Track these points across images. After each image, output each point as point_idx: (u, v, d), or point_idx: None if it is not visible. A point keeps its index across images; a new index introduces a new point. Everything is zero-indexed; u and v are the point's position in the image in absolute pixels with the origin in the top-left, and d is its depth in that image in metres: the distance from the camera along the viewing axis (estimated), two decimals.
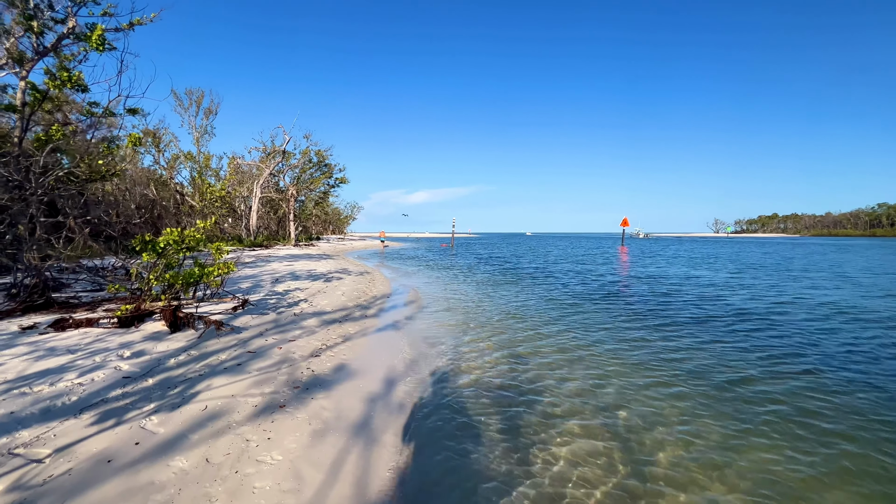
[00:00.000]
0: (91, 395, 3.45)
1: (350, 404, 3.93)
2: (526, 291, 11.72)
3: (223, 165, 35.56)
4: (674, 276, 15.83)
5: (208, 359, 4.62)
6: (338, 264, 18.05)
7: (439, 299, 10.31)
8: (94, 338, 4.77)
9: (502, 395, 4.35)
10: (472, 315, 8.39)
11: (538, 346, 6.27)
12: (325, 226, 73.43)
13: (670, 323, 7.81)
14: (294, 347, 5.40)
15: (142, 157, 31.44)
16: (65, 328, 4.86)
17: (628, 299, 10.44)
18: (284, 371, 4.55)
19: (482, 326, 7.40)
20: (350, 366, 4.98)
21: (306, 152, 37.13)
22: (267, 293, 8.98)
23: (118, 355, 4.37)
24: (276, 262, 17.04)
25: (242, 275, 11.86)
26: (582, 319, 8.09)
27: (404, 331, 7.01)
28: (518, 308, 9.15)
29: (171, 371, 4.17)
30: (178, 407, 3.42)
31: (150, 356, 4.47)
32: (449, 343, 6.31)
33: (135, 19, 8.63)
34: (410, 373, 4.98)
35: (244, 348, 5.11)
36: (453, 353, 5.80)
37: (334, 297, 9.27)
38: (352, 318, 7.51)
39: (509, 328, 7.33)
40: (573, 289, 12.18)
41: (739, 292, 11.70)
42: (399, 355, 5.61)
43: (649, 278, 14.96)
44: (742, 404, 4.20)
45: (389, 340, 6.35)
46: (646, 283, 13.47)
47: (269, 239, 35.77)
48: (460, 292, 11.54)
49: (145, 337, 5.02)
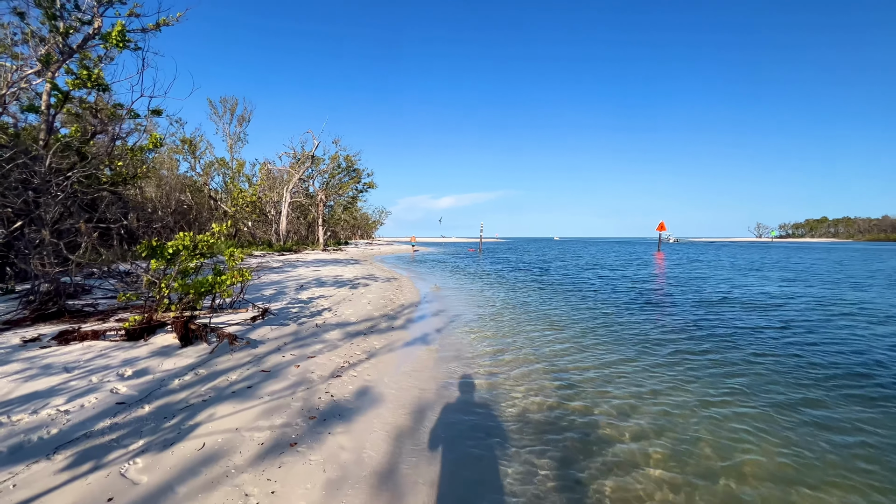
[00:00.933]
0: (74, 428, 2.95)
1: (373, 442, 3.28)
2: (561, 300, 10.84)
3: (255, 171, 36.25)
4: (719, 283, 14.49)
5: (216, 379, 4.10)
6: (365, 270, 17.66)
7: (470, 308, 9.61)
8: (96, 353, 4.35)
9: (555, 431, 3.60)
10: (507, 327, 7.64)
11: (581, 361, 5.48)
12: (353, 230, 74.14)
13: (720, 335, 6.90)
14: (313, 365, 4.82)
15: (179, 163, 32.43)
16: (68, 341, 4.48)
17: (671, 309, 9.40)
18: (300, 395, 3.96)
19: (519, 340, 6.64)
20: (374, 389, 4.35)
21: (335, 157, 37.36)
22: (290, 301, 8.54)
23: (118, 374, 3.91)
24: (302, 267, 16.81)
25: (267, 281, 11.55)
26: (625, 331, 7.20)
27: (434, 345, 6.35)
28: (556, 318, 8.33)
29: (172, 395, 3.66)
30: (171, 445, 2.87)
31: (152, 376, 3.99)
32: (485, 361, 5.60)
33: (161, 19, 8.45)
34: (443, 398, 4.30)
35: (258, 366, 4.57)
36: (491, 373, 5.08)
37: (359, 305, 8.73)
38: (377, 330, 6.91)
39: (548, 341, 6.55)
40: (611, 297, 11.20)
41: (793, 301, 10.41)
42: (429, 376, 4.94)
43: (692, 286, 13.71)
44: (815, 431, 3.33)
45: (418, 357, 5.70)
46: (689, 292, 12.28)
47: (299, 244, 36.09)
48: (492, 300, 10.79)
49: (152, 352, 4.56)
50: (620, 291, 12.54)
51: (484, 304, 10.23)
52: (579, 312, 9.13)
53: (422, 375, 4.94)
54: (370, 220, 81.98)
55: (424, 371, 5.12)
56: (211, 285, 4.64)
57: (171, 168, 31.61)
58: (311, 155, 32.95)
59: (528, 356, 5.83)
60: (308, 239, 43.05)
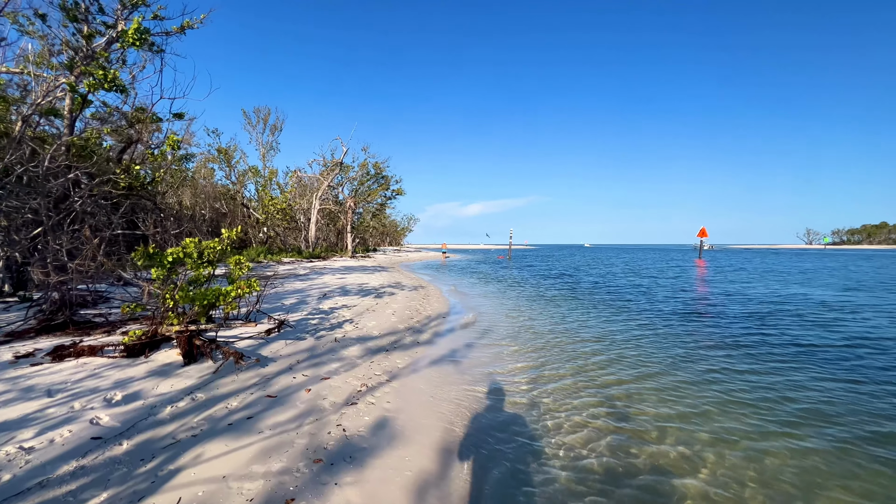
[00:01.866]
0: (31, 474, 2.45)
1: (390, 500, 2.62)
2: (599, 311, 9.89)
3: (286, 179, 36.85)
4: (771, 293, 13.02)
5: (214, 407, 3.56)
6: (392, 277, 17.19)
7: (502, 321, 8.85)
8: (89, 372, 3.92)
9: (618, 483, 2.82)
10: (544, 342, 6.85)
11: (629, 381, 4.62)
12: (382, 237, 74.65)
13: (780, 353, 5.93)
14: (326, 389, 4.23)
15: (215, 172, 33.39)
16: (63, 357, 4.09)
17: (721, 322, 8.30)
18: (306, 429, 3.36)
19: (560, 360, 5.85)
20: (394, 422, 3.70)
21: (364, 164, 37.54)
22: (310, 311, 8.06)
23: (105, 400, 3.44)
24: (328, 274, 16.52)
25: (291, 289, 11.21)
26: (671, 347, 6.26)
27: (463, 365, 5.65)
28: (596, 333, 7.45)
29: (159, 427, 3.14)
30: (139, 501, 2.31)
31: (143, 401, 3.49)
32: (523, 384, 4.85)
33: (185, 22, 8.27)
34: (476, 436, 3.59)
35: (264, 390, 4.02)
36: (532, 403, 4.33)
37: (383, 316, 8.15)
38: (401, 346, 6.29)
39: (591, 360, 5.72)
40: (653, 308, 10.13)
41: (858, 315, 9.03)
42: (459, 405, 4.24)
43: (741, 296, 12.35)
44: None
45: (446, 380, 5.01)
46: (739, 302, 11.00)
47: (328, 251, 36.32)
48: (525, 312, 9.98)
49: (150, 371, 4.10)
50: (662, 301, 11.42)
51: (517, 316, 9.45)
52: (622, 326, 8.20)
53: (450, 404, 4.25)
54: (399, 227, 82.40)
55: (453, 398, 4.43)
56: (215, 297, 4.15)
57: (208, 177, 32.58)
58: (339, 162, 33.15)
59: (572, 381, 5.03)
60: (337, 246, 43.38)
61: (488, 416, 4.04)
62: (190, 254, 4.19)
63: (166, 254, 4.02)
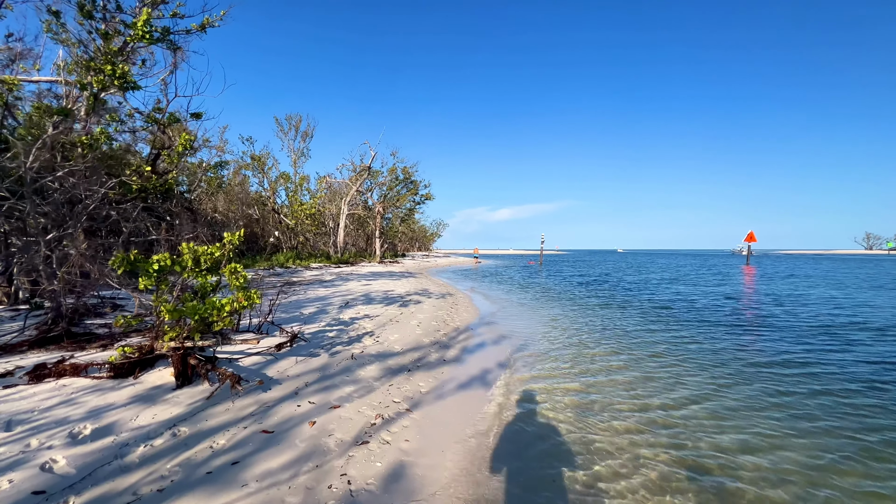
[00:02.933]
0: None
1: None
2: (648, 324, 8.80)
3: (316, 185, 37.17)
4: (837, 304, 11.37)
5: (196, 446, 2.95)
6: (419, 284, 16.57)
7: (538, 335, 7.97)
8: (64, 397, 3.42)
9: None
10: (587, 360, 5.95)
11: (702, 417, 3.70)
12: (411, 243, 74.60)
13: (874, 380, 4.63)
14: (334, 422, 3.56)
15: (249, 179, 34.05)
16: (42, 378, 3.62)
17: (792, 337, 7.03)
18: (303, 481, 2.68)
19: (608, 383, 4.95)
20: (413, 471, 2.97)
21: (393, 169, 37.36)
22: (329, 322, 7.49)
23: (70, 435, 2.89)
24: (354, 280, 16.08)
25: (312, 296, 10.74)
26: (744, 368, 5.20)
27: (496, 390, 4.86)
28: (651, 353, 6.45)
29: (122, 476, 2.54)
30: None
31: (114, 438, 2.92)
32: (568, 422, 4.01)
33: (205, 19, 7.97)
34: (516, 495, 2.81)
35: (260, 422, 3.39)
36: (582, 443, 3.49)
37: (407, 329, 7.47)
38: (425, 365, 5.57)
39: (649, 389, 4.78)
40: (709, 320, 8.93)
41: None
42: (493, 447, 3.46)
43: (805, 308, 10.82)
44: None
45: (476, 410, 4.24)
46: (805, 314, 9.56)
47: (357, 256, 36.27)
48: (563, 325, 9.04)
49: (134, 397, 3.56)
50: (713, 311, 10.15)
51: (552, 327, 8.54)
52: (674, 340, 7.14)
53: (482, 450, 3.47)
54: (428, 233, 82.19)
55: (486, 435, 3.65)
56: (209, 311, 3.57)
57: (243, 183, 33.26)
58: (368, 167, 33.08)
59: (629, 415, 4.15)
60: (366, 251, 43.41)
61: (529, 459, 3.23)
62: (179, 261, 3.64)
63: (151, 260, 3.49)
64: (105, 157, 6.85)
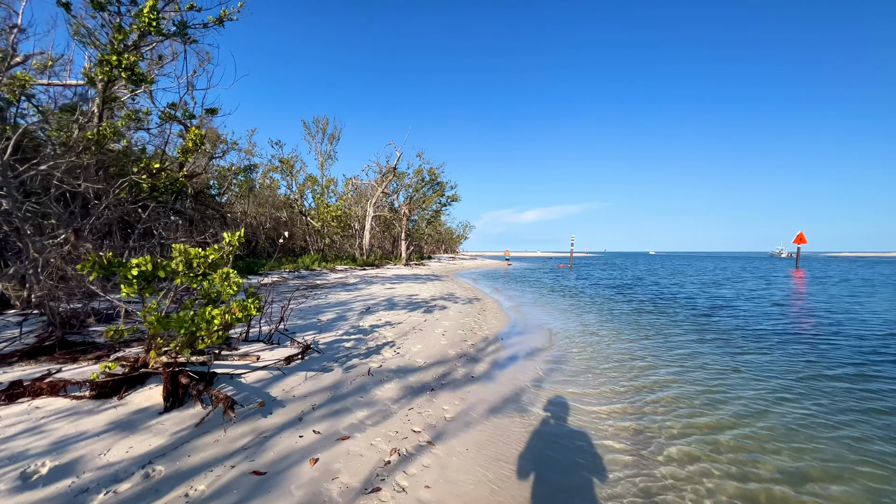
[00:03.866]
0: None
1: None
2: (701, 340, 7.80)
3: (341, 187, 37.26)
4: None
5: (170, 493, 2.40)
6: (445, 287, 15.94)
7: (574, 346, 7.16)
8: (32, 422, 2.96)
9: None
10: (634, 376, 5.13)
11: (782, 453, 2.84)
12: (437, 245, 74.19)
13: None
14: (340, 459, 2.95)
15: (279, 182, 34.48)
16: (15, 398, 3.19)
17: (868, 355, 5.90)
18: None
19: (666, 407, 4.13)
20: None
21: (419, 171, 37.00)
22: (347, 330, 6.95)
23: (22, 476, 2.40)
24: (378, 283, 15.62)
25: (333, 300, 10.29)
26: (812, 389, 4.23)
27: (532, 415, 4.14)
28: (698, 367, 5.54)
29: None
30: None
31: (73, 480, 2.41)
32: (620, 463, 3.24)
33: (223, 11, 7.65)
34: None
35: (252, 459, 2.82)
36: (643, 492, 2.74)
37: (431, 338, 6.83)
38: (451, 382, 4.91)
39: (710, 412, 3.92)
40: (764, 329, 7.82)
41: None
42: (530, 494, 2.76)
43: (878, 318, 9.42)
44: None
45: (511, 442, 3.54)
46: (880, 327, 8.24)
47: (383, 258, 36.06)
48: (603, 335, 8.17)
49: (113, 423, 3.07)
50: (767, 319, 8.98)
51: (592, 339, 7.70)
52: (729, 357, 6.18)
53: (519, 492, 2.78)
54: (454, 235, 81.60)
55: (523, 481, 2.95)
56: (191, 324, 3.04)
57: (272, 186, 33.70)
58: (393, 168, 32.82)
59: (694, 446, 3.34)
60: (393, 253, 43.23)
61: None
62: (165, 265, 3.14)
63: (129, 265, 3.00)
64: (119, 157, 6.63)
